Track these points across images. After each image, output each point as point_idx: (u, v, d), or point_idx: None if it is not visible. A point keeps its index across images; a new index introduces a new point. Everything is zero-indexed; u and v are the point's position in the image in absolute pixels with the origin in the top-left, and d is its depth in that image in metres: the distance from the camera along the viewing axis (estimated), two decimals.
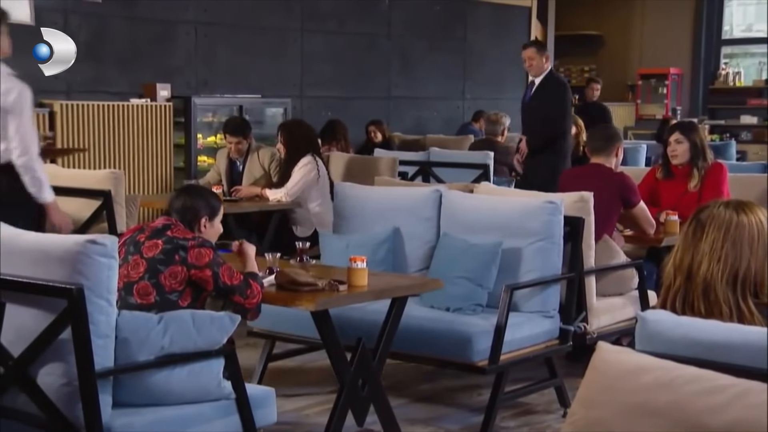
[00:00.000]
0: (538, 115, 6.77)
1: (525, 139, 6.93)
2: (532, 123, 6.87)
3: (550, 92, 6.83)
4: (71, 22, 8.03)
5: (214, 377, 3.11)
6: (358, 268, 3.63)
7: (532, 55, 6.84)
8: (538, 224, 4.20)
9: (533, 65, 6.85)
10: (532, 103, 6.88)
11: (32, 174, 4.26)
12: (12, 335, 2.90)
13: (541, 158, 6.74)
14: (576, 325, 4.33)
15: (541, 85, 6.87)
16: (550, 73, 6.93)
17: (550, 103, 6.79)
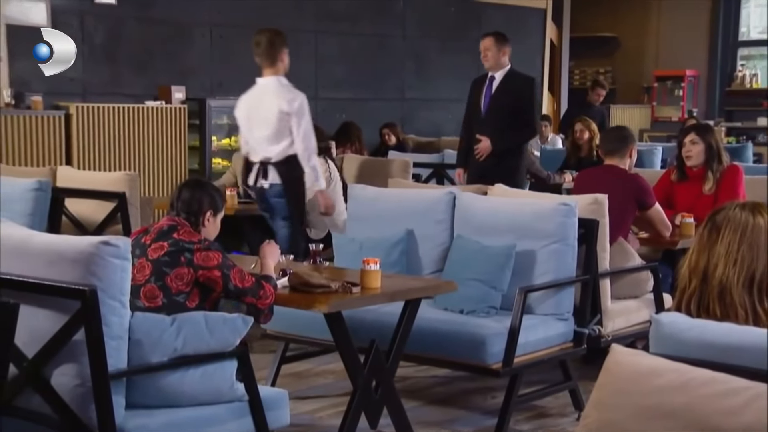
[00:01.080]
0: (506, 114, 6.18)
1: (487, 140, 6.21)
2: (498, 122, 6.19)
3: (518, 90, 6.26)
4: (87, 24, 8.07)
5: (227, 379, 3.11)
6: (371, 270, 3.62)
7: (489, 46, 6.25)
8: (552, 226, 4.18)
9: (488, 57, 6.24)
10: (496, 101, 6.27)
11: (312, 166, 5.30)
12: (26, 336, 2.91)
13: (502, 159, 6.19)
14: (590, 327, 4.31)
15: (506, 81, 6.27)
16: (513, 69, 6.35)
17: (521, 102, 6.22)
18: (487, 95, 6.29)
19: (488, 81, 6.32)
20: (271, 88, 5.31)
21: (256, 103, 5.33)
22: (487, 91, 6.30)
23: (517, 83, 6.28)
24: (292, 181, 5.35)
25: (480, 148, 6.24)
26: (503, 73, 6.27)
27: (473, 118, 6.38)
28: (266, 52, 5.30)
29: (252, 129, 5.35)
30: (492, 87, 6.29)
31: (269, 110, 5.26)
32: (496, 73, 6.27)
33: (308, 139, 5.26)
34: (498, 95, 6.25)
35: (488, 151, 6.20)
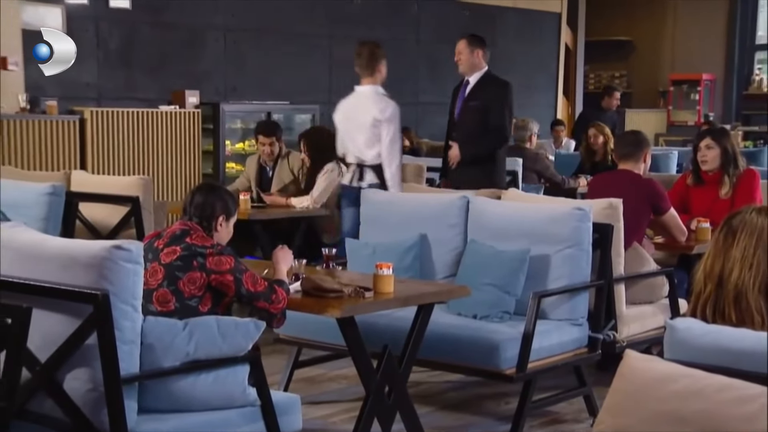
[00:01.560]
0: (477, 120, 5.90)
1: (456, 147, 5.96)
2: (469, 129, 5.95)
3: (490, 94, 5.94)
4: (102, 29, 8.12)
5: (239, 384, 3.10)
6: (384, 274, 3.61)
7: (461, 49, 5.98)
8: (567, 231, 4.16)
9: (461, 60, 5.97)
10: (467, 106, 5.99)
11: (391, 172, 5.62)
12: (39, 340, 2.91)
13: (475, 170, 5.80)
14: (605, 333, 4.28)
15: (478, 85, 5.97)
16: (488, 72, 6.03)
17: (492, 107, 5.91)
18: (461, 99, 6.06)
19: (463, 85, 6.09)
20: (368, 96, 5.69)
21: (353, 109, 5.73)
22: (460, 95, 6.07)
23: (489, 87, 5.97)
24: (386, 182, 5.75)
25: (450, 156, 6.01)
26: (477, 77, 6.00)
27: (450, 123, 6.20)
28: (367, 62, 5.72)
29: (349, 133, 5.74)
30: (465, 91, 6.04)
31: (364, 117, 5.65)
32: (470, 76, 6.01)
33: (393, 145, 5.65)
34: (469, 99, 5.99)
35: (458, 158, 5.95)
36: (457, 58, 6.01)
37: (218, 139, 8.31)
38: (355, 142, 5.70)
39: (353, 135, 5.70)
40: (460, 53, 6.00)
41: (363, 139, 5.67)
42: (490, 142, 5.91)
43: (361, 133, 5.68)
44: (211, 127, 8.28)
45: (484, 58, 6.01)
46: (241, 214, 5.72)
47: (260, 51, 9.15)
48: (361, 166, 5.70)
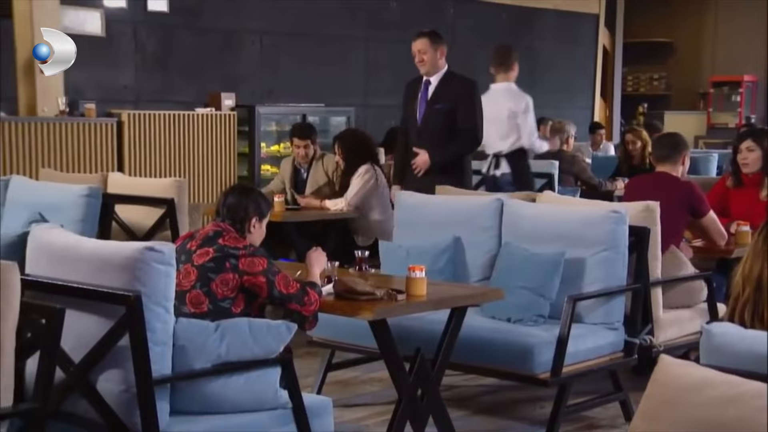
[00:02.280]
0: (445, 123, 5.54)
1: (425, 153, 5.56)
2: (436, 133, 5.56)
3: (457, 94, 5.55)
4: (140, 32, 8.18)
5: (270, 386, 3.10)
6: (417, 277, 3.58)
7: (424, 48, 5.54)
8: (602, 234, 4.12)
9: (425, 60, 5.55)
10: (432, 108, 5.59)
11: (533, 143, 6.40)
12: (74, 341, 2.93)
13: (442, 177, 5.41)
14: (641, 337, 4.23)
15: (442, 85, 5.59)
16: (451, 71, 5.64)
17: (461, 108, 5.53)
18: (423, 101, 5.64)
19: (423, 85, 5.67)
20: (503, 92, 6.28)
21: (488, 105, 6.03)
22: (422, 97, 5.65)
23: (456, 87, 5.58)
24: (520, 170, 6.30)
25: (417, 163, 5.59)
26: (440, 77, 5.61)
27: (409, 127, 5.75)
28: (502, 62, 6.32)
29: (486, 126, 5.97)
30: (428, 92, 5.62)
31: (501, 111, 6.17)
32: (432, 76, 5.62)
33: (532, 133, 6.36)
34: (434, 101, 5.59)
35: (426, 165, 5.55)
36: (420, 59, 5.58)
37: (253, 142, 8.35)
38: (490, 135, 6.09)
39: (491, 128, 6.04)
40: (423, 53, 5.56)
41: (497, 132, 6.18)
42: (461, 145, 5.58)
43: (495, 126, 6.13)
44: (246, 129, 8.31)
45: (444, 55, 5.64)
46: (275, 217, 5.75)
47: (296, 54, 9.17)
48: (496, 157, 6.29)
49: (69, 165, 7.10)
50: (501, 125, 6.22)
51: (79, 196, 4.89)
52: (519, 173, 6.28)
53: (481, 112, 5.59)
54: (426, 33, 5.61)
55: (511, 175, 6.26)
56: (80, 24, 7.79)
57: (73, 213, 4.84)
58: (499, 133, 6.24)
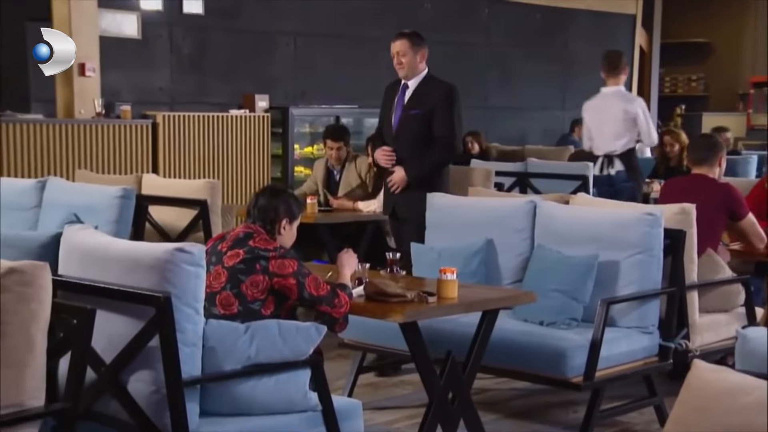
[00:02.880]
0: (420, 130, 5.09)
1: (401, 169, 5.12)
2: (411, 140, 5.11)
3: (435, 99, 5.09)
4: (175, 34, 8.24)
5: (300, 388, 3.09)
6: (448, 279, 3.56)
7: (404, 50, 5.11)
8: (637, 236, 4.06)
9: (404, 63, 5.11)
10: (408, 114, 5.14)
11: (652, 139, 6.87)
12: (105, 342, 2.94)
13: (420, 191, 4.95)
14: (677, 342, 4.17)
15: (420, 90, 5.15)
16: (430, 75, 5.22)
17: (438, 114, 5.07)
18: (399, 106, 5.19)
19: (401, 89, 5.21)
20: (614, 95, 6.65)
21: (601, 107, 6.62)
22: (399, 102, 5.20)
23: (433, 91, 5.13)
24: (632, 168, 6.61)
25: (394, 180, 5.16)
26: (418, 81, 5.17)
27: (385, 133, 5.30)
28: (613, 68, 6.65)
29: (599, 128, 6.60)
30: (405, 96, 5.18)
31: (616, 112, 6.55)
32: (410, 80, 5.18)
33: (650, 129, 6.69)
34: (411, 106, 5.14)
35: (403, 182, 5.11)
36: (398, 61, 5.14)
37: (287, 143, 8.37)
38: (604, 136, 6.58)
39: (602, 129, 6.58)
40: (402, 55, 5.12)
41: (612, 132, 6.56)
42: (439, 156, 5.11)
43: (609, 127, 6.55)
44: (280, 131, 8.34)
45: (425, 58, 5.21)
46: (308, 218, 5.76)
47: (329, 55, 9.18)
48: (609, 156, 6.59)
49: (105, 166, 7.17)
50: (615, 126, 6.56)
51: (113, 197, 4.92)
52: (633, 170, 6.60)
53: (459, 119, 5.15)
54: (406, 34, 5.21)
55: (626, 173, 6.56)
56: (117, 26, 7.87)
57: (107, 214, 4.87)
58: (613, 134, 6.57)
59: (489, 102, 10.68)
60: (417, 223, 4.84)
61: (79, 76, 7.43)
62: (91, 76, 7.48)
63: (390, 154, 5.18)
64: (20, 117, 6.91)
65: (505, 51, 10.77)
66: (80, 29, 7.42)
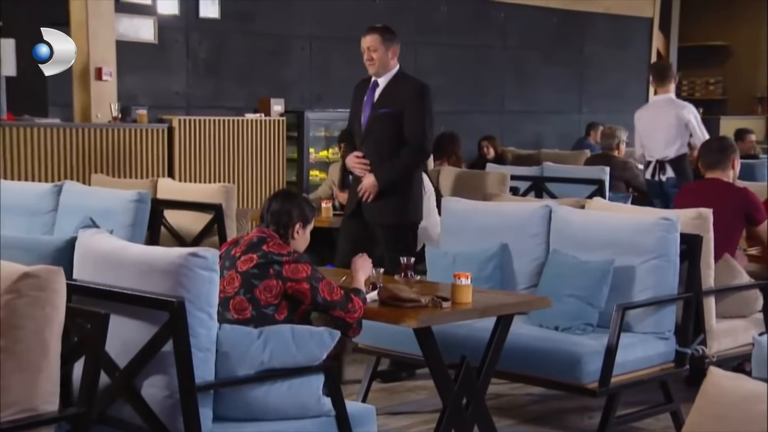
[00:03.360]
0: (390, 130, 4.85)
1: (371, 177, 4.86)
2: (380, 141, 4.87)
3: (405, 98, 4.86)
4: (192, 39, 8.27)
5: (313, 393, 3.09)
6: (462, 284, 3.55)
7: (375, 45, 4.86)
8: (653, 241, 4.04)
9: (375, 59, 4.86)
10: (376, 113, 4.89)
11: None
12: (119, 346, 2.95)
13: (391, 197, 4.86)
14: (693, 347, 4.14)
15: (391, 88, 4.90)
16: (401, 72, 4.96)
17: (409, 114, 4.83)
18: (368, 105, 4.95)
19: (371, 87, 4.97)
20: (666, 103, 7.02)
21: (654, 114, 6.98)
22: (368, 100, 4.95)
23: (404, 90, 4.88)
24: (683, 173, 6.88)
25: (364, 187, 4.87)
26: (388, 78, 4.91)
27: (354, 132, 5.05)
28: (663, 77, 7.07)
29: (651, 135, 6.95)
30: (374, 95, 4.93)
31: (668, 119, 6.89)
32: (380, 77, 4.93)
33: (703, 133, 6.91)
34: (380, 105, 4.89)
35: (374, 189, 4.85)
36: (369, 57, 4.88)
37: (302, 147, 8.37)
38: (656, 143, 6.90)
39: (654, 136, 6.91)
40: (373, 50, 4.87)
41: (664, 139, 6.88)
42: (408, 157, 4.86)
43: (662, 134, 6.89)
44: (295, 135, 8.35)
45: (396, 55, 4.96)
46: (323, 222, 5.75)
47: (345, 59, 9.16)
48: (661, 162, 6.93)
49: (121, 170, 7.19)
50: (668, 133, 6.88)
51: (128, 201, 4.93)
52: (684, 175, 6.81)
53: (431, 118, 4.89)
54: (377, 28, 4.95)
55: (676, 178, 6.83)
56: (134, 31, 7.91)
57: (123, 218, 4.89)
58: (665, 140, 6.88)
59: (505, 106, 10.66)
60: (390, 232, 4.77)
61: (96, 80, 7.47)
62: (108, 81, 7.52)
63: (364, 162, 4.89)
64: (38, 121, 6.95)
65: (521, 54, 10.74)
66: (97, 34, 7.46)
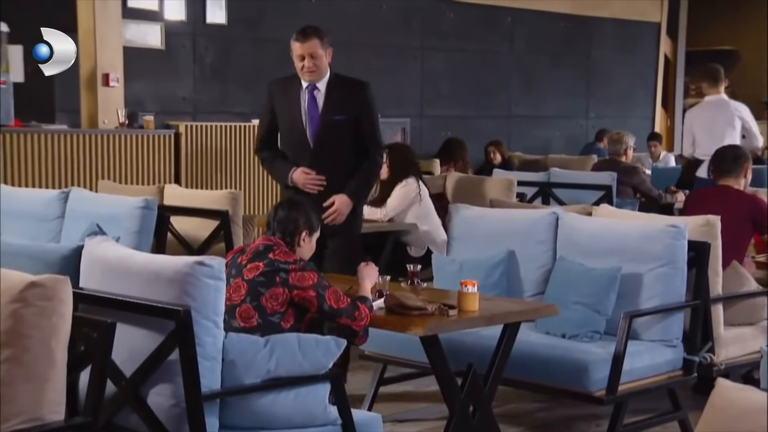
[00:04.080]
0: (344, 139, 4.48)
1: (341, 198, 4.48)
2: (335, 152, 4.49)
3: (357, 102, 4.48)
4: (199, 44, 8.28)
5: (320, 402, 3.08)
6: (469, 292, 3.54)
7: (315, 51, 4.41)
8: (660, 249, 4.02)
9: (317, 65, 4.44)
10: (330, 121, 4.47)
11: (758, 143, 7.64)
12: (125, 354, 2.95)
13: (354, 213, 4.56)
14: (701, 355, 4.13)
15: (333, 91, 4.49)
16: (337, 74, 4.60)
17: (365, 119, 4.49)
18: (313, 113, 4.48)
19: (308, 93, 4.50)
20: (718, 103, 7.43)
21: (708, 114, 7.36)
22: (310, 108, 4.48)
23: (353, 93, 4.51)
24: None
25: (339, 210, 4.45)
26: (326, 81, 4.50)
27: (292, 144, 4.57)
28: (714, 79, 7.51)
29: (705, 133, 7.25)
30: (317, 101, 4.48)
31: (720, 118, 7.29)
32: (318, 82, 4.52)
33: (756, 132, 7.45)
34: (330, 113, 4.45)
35: (348, 209, 4.46)
36: (310, 64, 4.42)
37: None
38: (710, 141, 7.05)
39: (708, 135, 7.21)
40: (314, 57, 4.41)
41: (717, 137, 7.08)
42: (375, 168, 4.58)
43: (715, 132, 7.18)
44: None
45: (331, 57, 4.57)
46: None
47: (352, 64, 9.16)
48: None
49: (127, 176, 7.19)
50: (721, 131, 7.19)
51: (135, 207, 4.92)
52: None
53: (378, 120, 4.60)
54: (315, 31, 4.50)
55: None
56: (141, 37, 7.92)
57: (129, 225, 4.88)
58: (719, 139, 7.04)
59: (512, 110, 10.64)
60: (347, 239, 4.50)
61: (103, 86, 7.48)
62: (115, 86, 7.52)
63: (320, 180, 4.47)
64: (45, 127, 6.96)
65: (528, 59, 10.73)
66: (105, 40, 7.48)
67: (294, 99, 4.53)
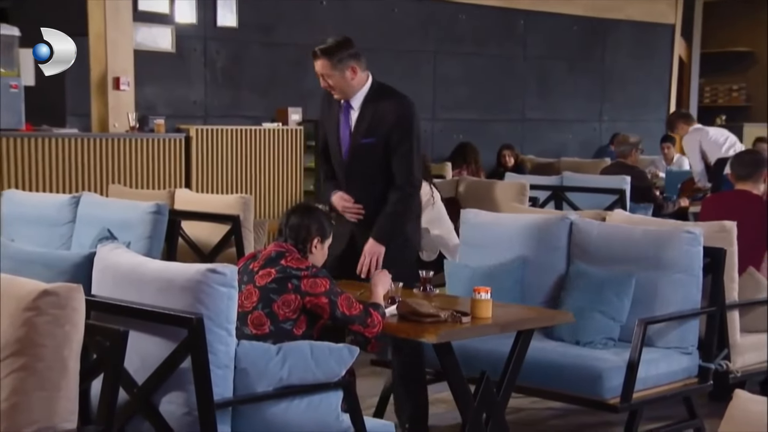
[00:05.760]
0: (373, 163, 4.04)
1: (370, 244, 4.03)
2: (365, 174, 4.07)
3: (390, 126, 4.02)
4: (210, 48, 8.27)
5: (332, 410, 3.07)
6: (482, 299, 3.51)
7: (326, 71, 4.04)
8: (675, 255, 3.99)
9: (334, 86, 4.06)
10: (360, 145, 4.06)
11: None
12: (138, 362, 2.94)
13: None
14: (717, 362, 4.09)
15: (368, 110, 4.07)
16: (375, 86, 4.15)
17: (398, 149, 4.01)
18: (346, 131, 4.10)
19: (344, 109, 4.12)
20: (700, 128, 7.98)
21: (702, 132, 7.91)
22: (344, 125, 4.11)
23: (385, 113, 4.05)
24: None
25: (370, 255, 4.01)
26: (362, 98, 4.08)
27: (334, 161, 4.19)
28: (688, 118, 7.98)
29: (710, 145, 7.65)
30: (350, 119, 4.09)
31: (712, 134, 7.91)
32: (351, 99, 4.10)
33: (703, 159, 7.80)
34: (360, 134, 4.06)
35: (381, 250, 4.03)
36: (325, 85, 4.07)
37: None
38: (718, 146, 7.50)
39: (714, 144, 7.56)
40: (327, 77, 4.04)
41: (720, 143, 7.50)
42: (402, 207, 4.04)
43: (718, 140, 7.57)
44: (313, 144, 8.32)
45: (362, 68, 4.11)
46: None
47: None
48: None
49: (138, 180, 7.18)
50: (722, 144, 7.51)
51: (146, 212, 4.92)
52: None
53: (419, 146, 4.10)
54: (324, 52, 4.07)
55: None
56: (152, 40, 7.92)
57: (140, 230, 4.87)
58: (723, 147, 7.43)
59: (526, 114, 10.61)
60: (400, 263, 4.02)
61: (114, 90, 7.48)
62: (126, 90, 7.53)
63: (357, 207, 4.08)
64: (56, 131, 6.96)
65: (542, 63, 10.69)
66: (116, 43, 7.48)
67: (333, 117, 4.16)
